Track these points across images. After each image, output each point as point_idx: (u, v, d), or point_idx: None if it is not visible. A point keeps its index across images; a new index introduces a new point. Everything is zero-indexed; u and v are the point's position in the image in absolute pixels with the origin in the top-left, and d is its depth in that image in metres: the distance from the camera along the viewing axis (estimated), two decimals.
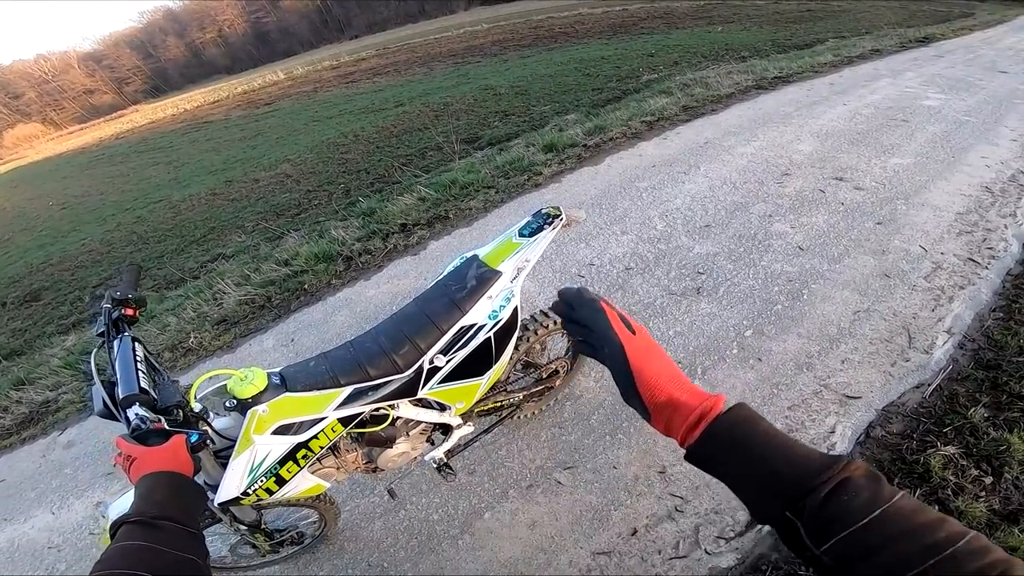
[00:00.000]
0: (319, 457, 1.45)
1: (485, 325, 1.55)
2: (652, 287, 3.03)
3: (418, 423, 1.66)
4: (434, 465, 1.80)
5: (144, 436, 0.96)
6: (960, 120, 5.17)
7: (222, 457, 1.26)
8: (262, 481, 1.28)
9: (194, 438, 1.00)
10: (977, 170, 4.06)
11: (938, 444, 1.99)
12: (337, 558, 1.92)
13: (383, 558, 1.90)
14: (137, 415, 1.00)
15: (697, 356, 2.52)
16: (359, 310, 3.31)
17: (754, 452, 0.52)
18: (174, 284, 4.75)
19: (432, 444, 1.81)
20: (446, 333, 1.49)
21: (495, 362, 1.63)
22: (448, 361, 1.51)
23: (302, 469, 1.36)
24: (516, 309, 1.63)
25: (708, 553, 1.75)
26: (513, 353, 1.73)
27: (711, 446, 0.54)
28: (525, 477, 2.09)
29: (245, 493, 1.26)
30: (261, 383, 1.23)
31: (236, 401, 1.22)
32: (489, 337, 1.56)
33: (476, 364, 1.58)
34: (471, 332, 1.53)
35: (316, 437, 1.33)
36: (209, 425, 1.20)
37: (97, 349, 1.24)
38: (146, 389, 1.07)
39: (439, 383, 1.54)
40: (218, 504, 1.26)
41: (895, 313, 2.67)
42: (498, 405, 1.98)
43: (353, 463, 1.61)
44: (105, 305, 1.30)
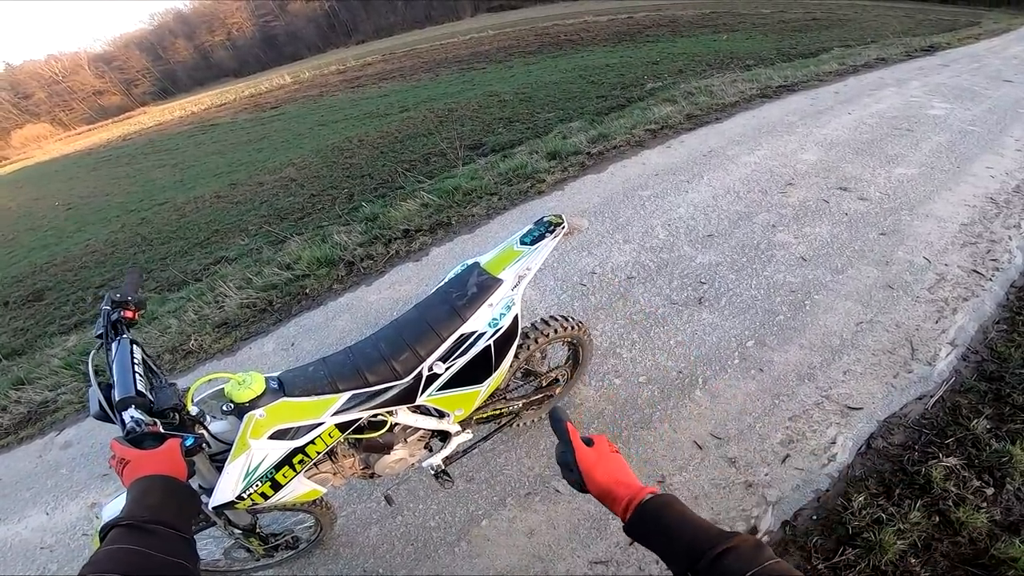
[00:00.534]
0: (316, 462, 1.44)
1: (485, 333, 1.55)
2: (654, 296, 3.02)
3: (416, 430, 1.66)
4: (432, 472, 1.79)
5: (139, 439, 0.96)
6: (965, 130, 5.16)
7: (218, 461, 1.25)
8: (257, 485, 1.27)
9: (189, 441, 0.99)
10: (982, 180, 4.05)
11: (940, 455, 1.98)
12: (332, 563, 1.91)
13: (379, 564, 1.88)
14: (132, 418, 1.00)
15: (698, 366, 2.51)
16: (360, 315, 3.31)
17: (670, 529, 0.69)
18: (176, 286, 4.76)
19: (430, 451, 1.80)
20: (446, 340, 1.49)
21: (495, 370, 1.62)
22: (447, 368, 1.50)
23: (298, 474, 1.35)
24: (517, 317, 1.62)
25: None
26: (513, 361, 1.72)
27: (638, 524, 0.72)
28: (523, 485, 2.07)
29: (240, 497, 1.26)
30: (259, 387, 1.23)
31: (233, 405, 1.22)
32: (489, 345, 1.55)
33: (476, 372, 1.58)
34: (471, 339, 1.53)
35: (313, 442, 1.32)
36: (205, 429, 1.20)
37: (95, 351, 1.24)
38: (143, 392, 1.07)
39: (438, 390, 1.53)
40: (213, 508, 1.25)
41: (898, 325, 2.66)
42: (497, 413, 1.97)
43: (350, 468, 1.60)
44: (105, 307, 1.30)
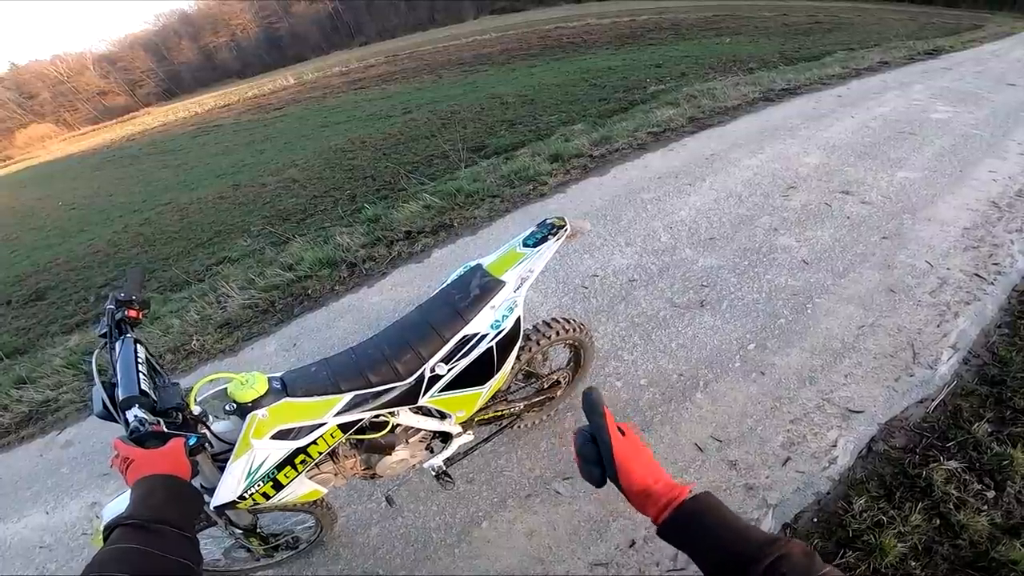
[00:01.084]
0: (317, 462, 1.45)
1: (487, 334, 1.55)
2: (655, 299, 3.02)
3: (418, 431, 1.66)
4: (433, 473, 1.80)
5: (142, 438, 0.96)
6: (968, 133, 5.15)
7: (220, 461, 1.26)
8: (259, 485, 1.28)
9: (192, 441, 1.00)
10: (984, 184, 4.05)
11: (941, 458, 1.97)
12: (332, 563, 1.91)
13: (379, 565, 1.89)
14: (136, 417, 1.00)
15: (699, 369, 2.51)
16: (362, 316, 3.31)
17: (710, 532, 0.63)
18: (179, 286, 4.77)
19: (431, 452, 1.80)
20: (448, 342, 1.49)
21: (496, 372, 1.63)
22: (449, 370, 1.51)
23: (300, 474, 1.36)
24: (519, 319, 1.63)
25: None
26: (515, 363, 1.72)
27: (676, 527, 0.65)
28: (524, 487, 2.07)
29: (242, 497, 1.26)
30: (261, 387, 1.23)
31: (236, 405, 1.22)
32: (491, 347, 1.56)
33: (477, 373, 1.58)
34: (473, 341, 1.53)
35: (315, 443, 1.33)
36: (208, 428, 1.20)
37: (99, 350, 1.24)
38: (146, 391, 1.08)
39: (440, 391, 1.54)
40: (214, 507, 1.26)
41: (900, 328, 2.65)
42: (499, 414, 1.97)
43: (351, 469, 1.61)
44: (109, 306, 1.31)
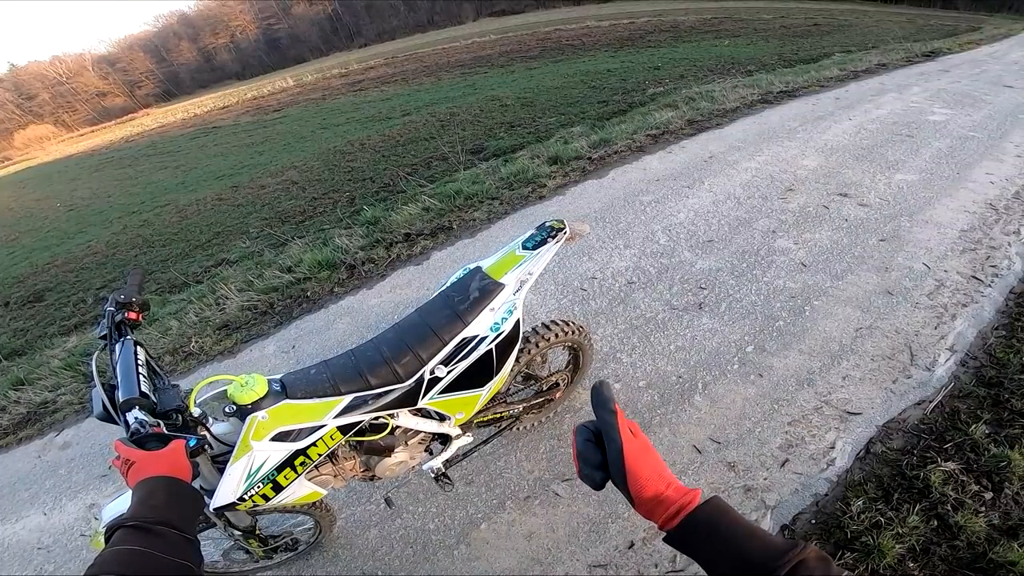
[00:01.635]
0: (317, 464, 1.45)
1: (487, 337, 1.55)
2: (654, 301, 3.03)
3: (417, 433, 1.66)
4: (432, 475, 1.80)
5: (143, 440, 0.97)
6: (965, 136, 5.17)
7: (219, 462, 1.26)
8: (259, 487, 1.28)
9: (192, 442, 1.00)
10: (982, 187, 4.07)
11: (938, 460, 1.98)
12: (331, 565, 1.91)
13: (377, 567, 1.89)
14: (136, 419, 1.01)
15: (698, 371, 2.52)
16: (361, 318, 3.31)
17: (723, 539, 0.61)
18: (177, 288, 4.77)
19: (430, 454, 1.80)
20: (448, 344, 1.50)
21: (496, 374, 1.63)
22: (449, 372, 1.51)
23: (299, 476, 1.36)
24: (518, 321, 1.63)
25: None
26: (514, 365, 1.73)
27: (688, 533, 0.63)
28: (523, 488, 2.08)
29: (241, 499, 1.26)
30: (261, 389, 1.24)
31: (236, 407, 1.23)
32: (491, 349, 1.56)
33: (477, 375, 1.58)
34: (473, 343, 1.53)
35: (315, 444, 1.33)
36: (208, 430, 1.20)
37: (98, 352, 1.24)
38: (146, 393, 1.08)
39: (439, 393, 1.54)
40: (213, 509, 1.26)
41: (897, 330, 2.66)
42: (498, 416, 1.97)
43: (351, 471, 1.61)
44: (108, 308, 1.31)
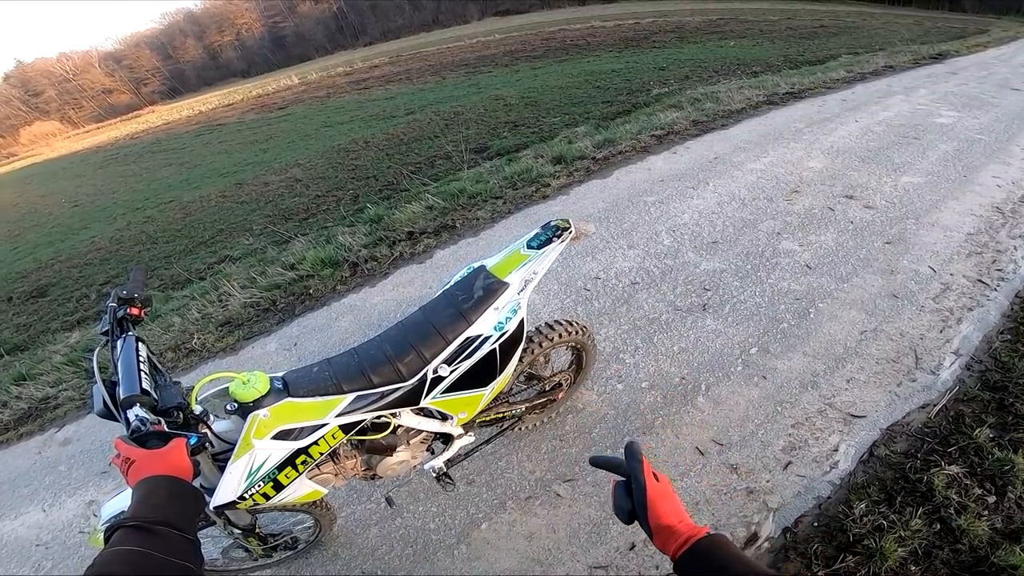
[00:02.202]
0: (318, 463, 1.44)
1: (490, 336, 1.54)
2: (658, 302, 3.02)
3: (419, 432, 1.65)
4: (433, 474, 1.79)
5: (144, 438, 0.95)
6: (972, 138, 5.14)
7: (220, 460, 1.25)
8: (260, 486, 1.27)
9: (193, 440, 0.99)
10: (988, 190, 4.04)
11: (942, 463, 1.97)
12: (331, 564, 1.90)
13: (377, 566, 1.88)
14: (137, 416, 1.00)
15: (702, 372, 2.50)
16: (363, 317, 3.31)
17: (723, 567, 0.69)
18: (180, 284, 4.76)
19: (432, 453, 1.80)
20: (451, 343, 1.49)
21: (499, 373, 1.62)
22: (452, 371, 1.50)
23: (301, 475, 1.35)
24: (522, 321, 1.62)
25: None
26: (517, 365, 1.72)
27: (692, 561, 0.73)
28: (524, 489, 2.07)
29: (242, 497, 1.26)
30: (263, 387, 1.23)
31: (237, 405, 1.22)
32: (494, 348, 1.55)
33: (480, 375, 1.58)
34: (476, 343, 1.52)
35: (316, 443, 1.32)
36: (209, 428, 1.20)
37: (100, 348, 1.23)
38: (147, 390, 1.07)
39: (442, 393, 1.53)
40: (213, 508, 1.25)
41: (902, 334, 2.64)
42: (500, 416, 1.96)
43: (352, 469, 1.60)
44: (110, 304, 1.30)
